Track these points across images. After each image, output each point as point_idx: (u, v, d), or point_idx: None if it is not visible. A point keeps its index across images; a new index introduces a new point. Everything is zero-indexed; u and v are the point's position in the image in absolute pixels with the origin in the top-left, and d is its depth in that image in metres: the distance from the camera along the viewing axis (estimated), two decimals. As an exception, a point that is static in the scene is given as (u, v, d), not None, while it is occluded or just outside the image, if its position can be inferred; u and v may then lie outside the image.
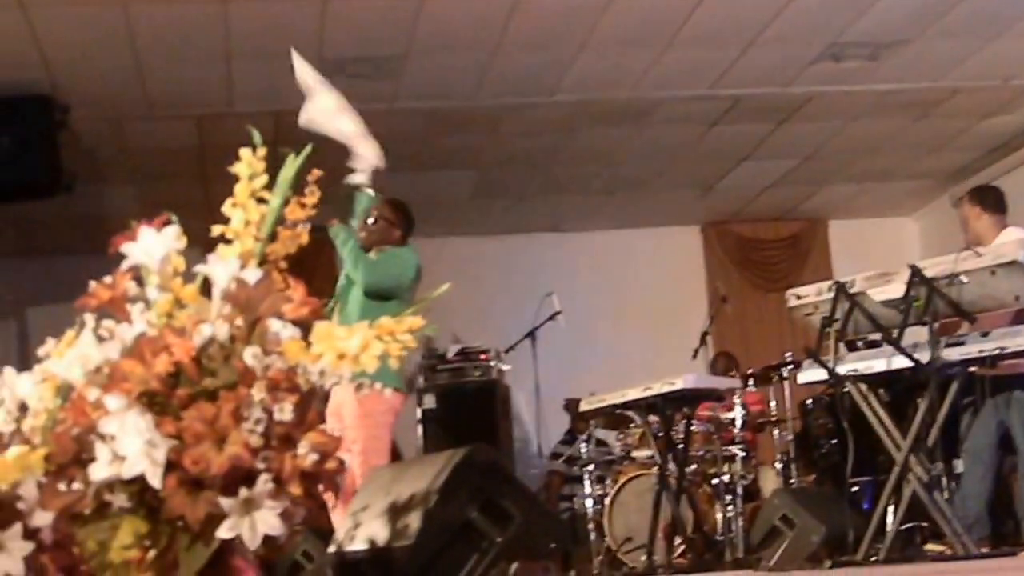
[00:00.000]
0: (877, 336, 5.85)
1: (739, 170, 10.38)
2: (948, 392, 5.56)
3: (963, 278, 5.46)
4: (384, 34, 7.44)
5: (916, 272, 5.57)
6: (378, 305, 5.65)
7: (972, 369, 5.76)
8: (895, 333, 5.58)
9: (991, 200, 6.59)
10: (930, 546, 6.03)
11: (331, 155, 8.36)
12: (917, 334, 5.87)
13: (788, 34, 7.73)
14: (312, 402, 1.98)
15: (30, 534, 2.01)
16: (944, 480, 6.12)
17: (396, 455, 6.31)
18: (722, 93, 8.70)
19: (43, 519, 2.01)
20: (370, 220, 6.18)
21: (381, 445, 5.70)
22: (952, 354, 5.55)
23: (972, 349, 5.51)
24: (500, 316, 10.19)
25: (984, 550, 5.58)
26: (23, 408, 2.10)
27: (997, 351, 5.44)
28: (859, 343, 6.32)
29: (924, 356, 5.53)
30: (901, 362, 5.58)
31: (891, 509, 5.84)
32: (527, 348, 9.13)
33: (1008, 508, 6.69)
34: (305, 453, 1.94)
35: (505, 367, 9.41)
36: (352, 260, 5.98)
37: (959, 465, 6.36)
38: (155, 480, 1.90)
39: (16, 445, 2.05)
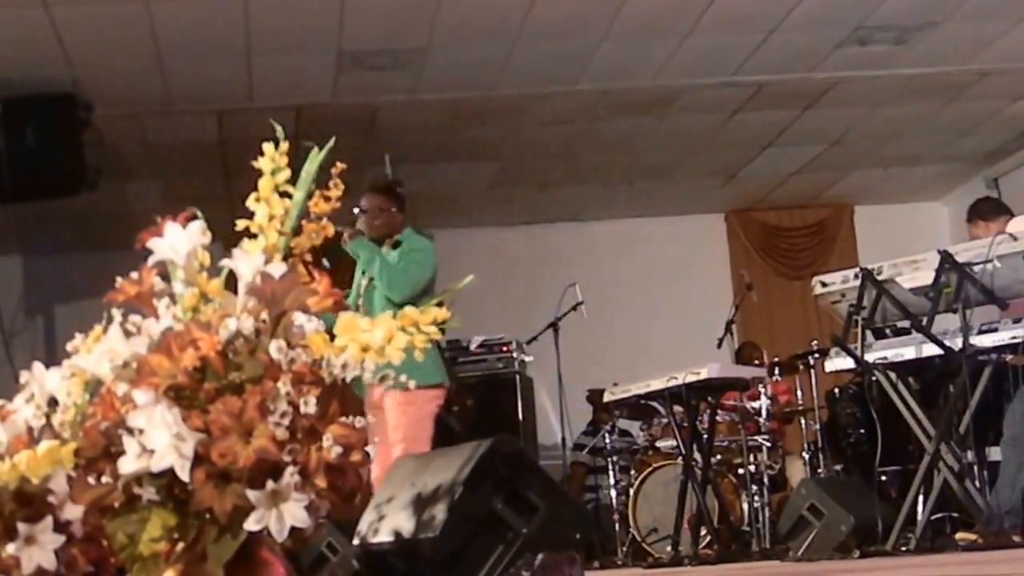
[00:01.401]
0: (905, 323, 5.84)
1: (763, 157, 10.37)
2: (980, 380, 5.56)
3: (996, 263, 5.45)
4: (404, 26, 7.47)
5: (947, 257, 5.56)
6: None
7: (1009, 357, 5.76)
8: (924, 320, 5.58)
9: (987, 208, 6.63)
10: (961, 535, 6.03)
11: (354, 149, 8.41)
12: (947, 321, 5.88)
13: (812, 18, 7.72)
14: (335, 395, 2.01)
15: (61, 527, 2.05)
16: (976, 469, 6.12)
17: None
18: (745, 80, 8.69)
19: (73, 512, 2.05)
20: (366, 214, 6.13)
21: (424, 435, 5.74)
22: (984, 341, 5.54)
23: (1004, 336, 5.50)
24: (522, 307, 10.21)
25: (1016, 539, 5.57)
26: (53, 403, 2.13)
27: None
28: (887, 330, 6.32)
29: (955, 343, 5.53)
30: (931, 349, 5.57)
31: (921, 498, 5.84)
32: (549, 339, 9.14)
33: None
34: (330, 446, 1.97)
35: (527, 358, 9.44)
36: (387, 281, 5.94)
37: (992, 453, 6.35)
38: (183, 473, 1.93)
39: (46, 439, 2.09)
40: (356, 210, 6.09)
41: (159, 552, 2.02)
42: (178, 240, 2.04)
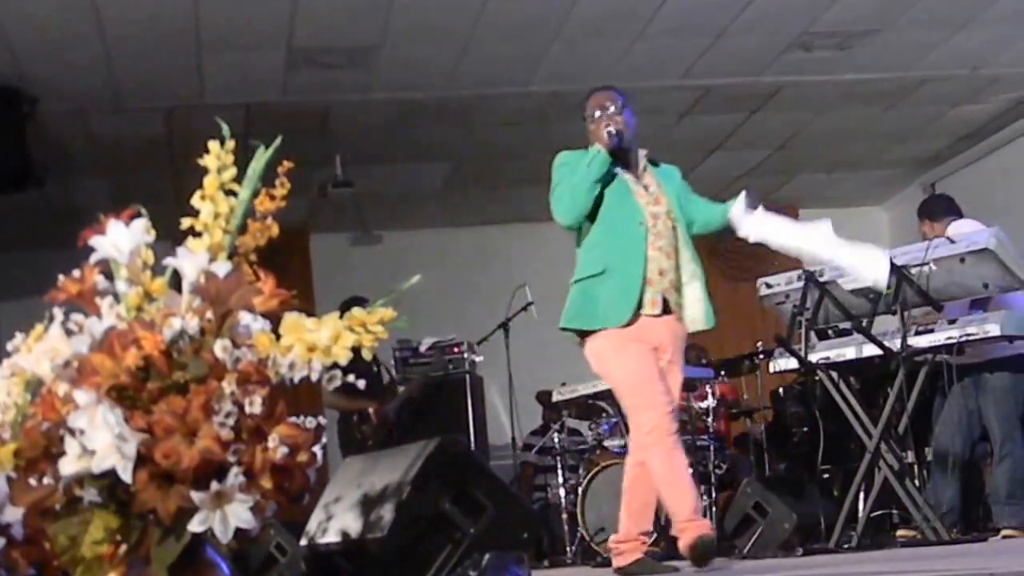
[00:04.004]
0: (847, 324, 5.89)
1: (710, 160, 10.39)
2: (918, 379, 5.61)
3: (931, 266, 5.51)
4: (356, 25, 7.41)
5: (886, 261, 5.60)
6: None
7: (946, 357, 5.82)
8: (865, 321, 5.62)
9: (937, 208, 6.68)
10: (901, 532, 6.08)
11: (306, 148, 8.34)
12: (887, 322, 5.93)
13: (758, 24, 7.75)
14: (282, 395, 1.97)
15: (1, 529, 2.00)
16: (916, 467, 6.18)
17: None
18: (693, 83, 8.71)
19: (14, 514, 2.00)
20: (620, 115, 4.98)
21: None
22: (921, 341, 5.60)
23: (940, 336, 5.57)
24: (473, 307, 10.18)
25: (955, 535, 5.63)
26: (-8, 403, 2.08)
27: (964, 338, 5.50)
28: (829, 331, 6.36)
29: (894, 344, 5.58)
30: (871, 350, 5.62)
31: (862, 496, 5.88)
32: (500, 339, 9.12)
33: (979, 494, 6.75)
34: (276, 446, 1.94)
35: (478, 359, 9.40)
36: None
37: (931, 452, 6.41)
38: (125, 474, 1.89)
39: (-15, 440, 2.03)
40: (595, 112, 4.94)
41: (102, 554, 1.97)
42: (121, 238, 2.00)
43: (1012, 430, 6.08)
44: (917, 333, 5.73)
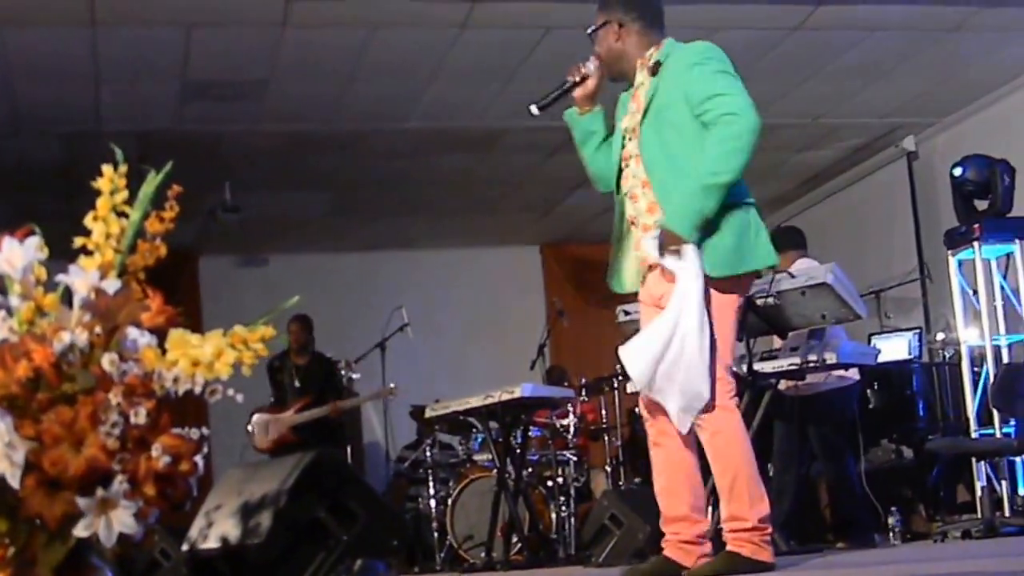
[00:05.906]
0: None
1: (574, 196, 10.51)
2: (762, 401, 5.75)
3: (775, 298, 5.67)
4: (247, 60, 7.37)
5: (733, 292, 5.73)
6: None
7: (793, 381, 5.99)
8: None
9: (783, 240, 6.85)
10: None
11: (198, 174, 8.23)
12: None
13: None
14: (166, 407, 1.96)
15: None
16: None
17: None
18: (562, 124, 8.79)
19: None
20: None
21: None
22: (765, 367, 5.75)
23: (783, 362, 5.73)
24: (352, 328, 10.14)
25: (792, 546, 5.76)
26: None
27: (805, 364, 5.68)
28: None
29: (741, 368, 5.71)
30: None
31: (710, 509, 5.98)
32: (377, 358, 9.11)
33: (813, 509, 6.94)
34: (159, 455, 1.92)
35: (355, 375, 9.37)
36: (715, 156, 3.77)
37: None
38: (14, 481, 1.86)
39: None
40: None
41: (-11, 557, 1.93)
42: (15, 255, 1.97)
43: (832, 452, 6.34)
44: (762, 359, 5.87)
